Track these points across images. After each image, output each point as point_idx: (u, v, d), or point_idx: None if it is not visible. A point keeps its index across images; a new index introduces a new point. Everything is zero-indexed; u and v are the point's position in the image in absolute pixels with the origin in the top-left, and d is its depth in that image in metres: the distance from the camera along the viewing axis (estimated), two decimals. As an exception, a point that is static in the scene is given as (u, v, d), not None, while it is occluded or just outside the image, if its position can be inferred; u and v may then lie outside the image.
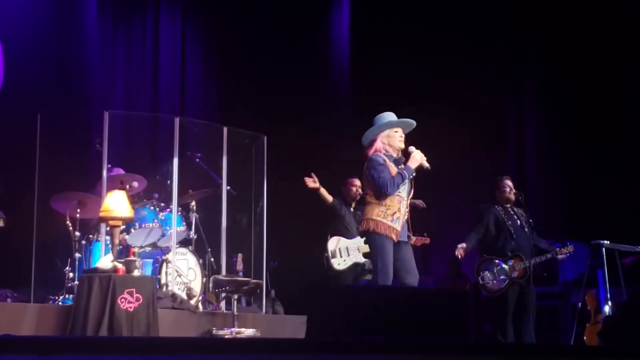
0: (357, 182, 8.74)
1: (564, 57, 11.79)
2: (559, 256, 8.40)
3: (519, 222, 8.30)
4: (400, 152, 7.03)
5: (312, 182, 8.62)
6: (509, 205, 8.40)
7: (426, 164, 6.95)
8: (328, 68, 12.08)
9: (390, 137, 7.00)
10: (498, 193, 8.44)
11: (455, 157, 11.27)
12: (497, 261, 8.22)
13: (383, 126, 7.01)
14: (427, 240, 9.00)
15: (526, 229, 8.23)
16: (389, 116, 7.06)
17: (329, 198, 8.78)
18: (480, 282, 8.23)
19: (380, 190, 6.82)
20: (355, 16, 12.17)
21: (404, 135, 7.04)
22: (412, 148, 6.99)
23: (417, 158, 6.93)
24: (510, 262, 8.16)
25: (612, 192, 11.21)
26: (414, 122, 7.07)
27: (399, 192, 6.88)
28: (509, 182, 8.42)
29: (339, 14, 12.22)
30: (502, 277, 8.15)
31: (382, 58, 11.77)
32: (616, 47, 11.47)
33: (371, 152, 6.98)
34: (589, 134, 11.57)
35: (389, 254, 6.79)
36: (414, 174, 6.93)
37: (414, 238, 7.43)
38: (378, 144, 6.97)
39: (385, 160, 6.90)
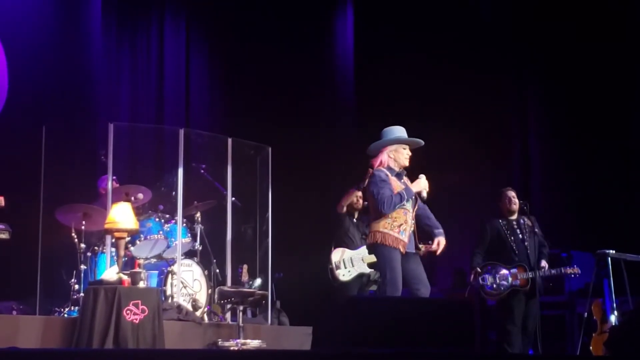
0: (359, 193, 8.73)
1: (568, 60, 11.78)
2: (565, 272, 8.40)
3: (521, 235, 8.26)
4: (402, 168, 7.03)
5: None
6: (513, 217, 8.37)
7: (424, 194, 6.98)
8: (332, 79, 12.09)
9: (397, 152, 7.01)
10: (501, 205, 8.42)
11: (460, 167, 11.27)
12: (499, 267, 8.20)
13: (392, 141, 7.02)
14: (432, 248, 8.97)
15: (527, 242, 8.20)
16: (400, 131, 7.06)
17: (345, 207, 8.77)
18: (480, 283, 8.20)
19: (377, 207, 6.83)
20: (358, 25, 12.18)
21: (410, 153, 7.05)
22: (422, 176, 7.00)
23: (421, 185, 6.95)
24: (514, 270, 8.15)
25: (618, 201, 11.18)
26: (422, 142, 7.09)
27: (404, 204, 6.88)
28: (511, 193, 8.39)
29: (343, 23, 12.24)
30: (503, 282, 8.13)
31: (385, 66, 11.78)
32: (622, 49, 11.48)
33: (376, 164, 6.99)
34: (595, 142, 11.55)
35: (397, 265, 6.79)
36: (413, 197, 6.94)
37: (422, 248, 7.43)
38: (384, 157, 6.98)
39: (387, 176, 6.90)
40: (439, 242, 7.09)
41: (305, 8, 11.58)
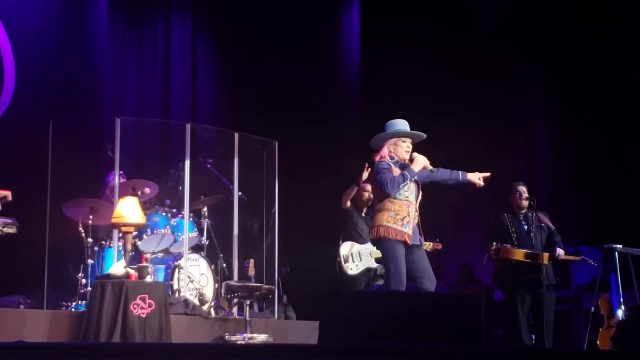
0: (369, 188, 8.72)
1: (573, 55, 11.77)
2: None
3: (526, 227, 8.24)
4: (405, 162, 7.03)
5: (365, 174, 8.48)
6: (522, 212, 8.34)
7: (429, 167, 6.98)
8: (338, 73, 12.08)
9: (397, 145, 7.02)
10: (510, 199, 8.40)
11: (466, 162, 11.24)
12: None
13: (392, 134, 7.03)
14: (439, 246, 8.99)
15: (532, 234, 8.18)
16: (401, 124, 7.06)
17: (349, 202, 8.77)
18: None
19: (382, 191, 6.83)
20: (364, 20, 12.16)
21: (411, 147, 7.05)
22: (415, 154, 7.01)
23: (421, 161, 6.96)
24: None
25: (626, 196, 11.17)
26: (424, 135, 7.09)
27: (407, 196, 6.88)
28: (520, 188, 8.37)
29: (349, 18, 12.23)
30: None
31: (391, 60, 11.77)
32: (627, 42, 11.47)
33: (377, 158, 7.01)
34: (600, 136, 11.54)
35: (401, 259, 6.78)
36: (416, 177, 6.93)
37: (427, 243, 7.43)
38: (384, 151, 7.01)
39: (390, 165, 6.91)
40: (479, 177, 7.17)
41: (311, 2, 11.58)
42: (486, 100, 11.85)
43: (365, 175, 8.43)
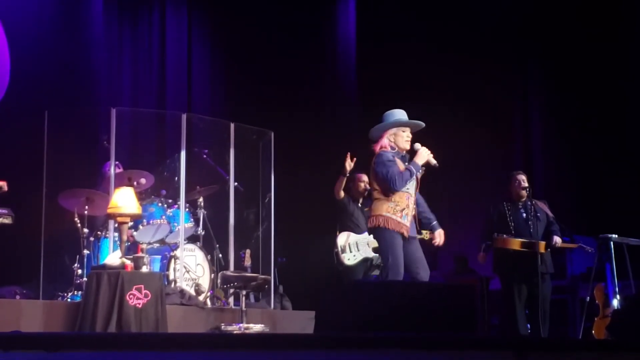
0: (365, 178, 8.71)
1: (570, 48, 11.76)
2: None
3: (525, 215, 8.26)
4: (404, 152, 7.01)
5: (348, 164, 8.47)
6: (521, 201, 8.34)
7: (433, 161, 6.93)
8: (335, 63, 12.06)
9: (397, 135, 6.98)
10: (510, 188, 8.42)
11: (462, 152, 11.25)
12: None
13: (391, 124, 6.99)
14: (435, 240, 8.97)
15: (530, 222, 8.19)
16: (399, 114, 7.03)
17: (342, 193, 8.76)
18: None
19: (388, 186, 6.81)
20: (361, 11, 12.14)
21: (411, 136, 7.02)
22: (417, 145, 6.96)
23: (424, 155, 6.90)
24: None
25: (621, 185, 11.18)
26: (422, 124, 7.05)
27: (407, 188, 6.86)
28: (519, 177, 8.38)
29: (346, 9, 12.20)
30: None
31: (387, 51, 11.75)
32: (624, 36, 11.46)
33: (377, 148, 6.96)
34: (597, 125, 11.54)
35: (399, 249, 6.77)
36: (421, 171, 6.91)
37: (425, 232, 7.42)
38: (384, 141, 6.94)
39: (394, 157, 6.88)
40: (441, 234, 7.18)
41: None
42: (485, 99, 11.82)
43: (349, 165, 8.40)
